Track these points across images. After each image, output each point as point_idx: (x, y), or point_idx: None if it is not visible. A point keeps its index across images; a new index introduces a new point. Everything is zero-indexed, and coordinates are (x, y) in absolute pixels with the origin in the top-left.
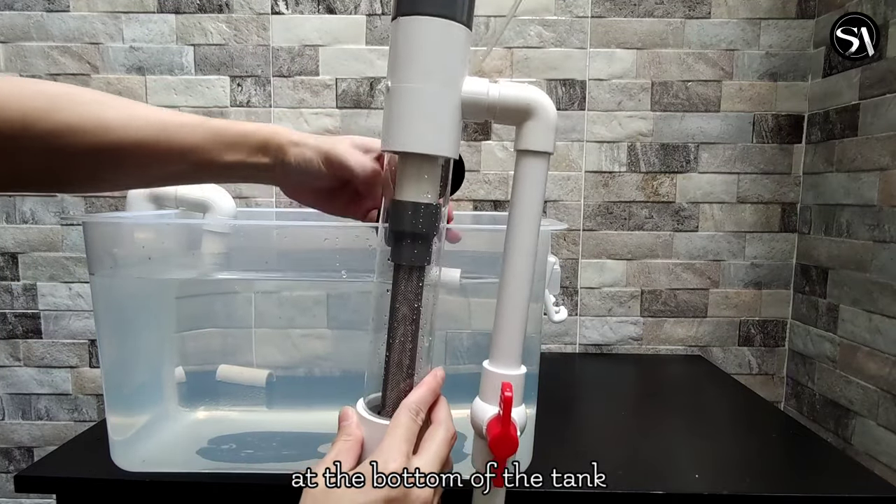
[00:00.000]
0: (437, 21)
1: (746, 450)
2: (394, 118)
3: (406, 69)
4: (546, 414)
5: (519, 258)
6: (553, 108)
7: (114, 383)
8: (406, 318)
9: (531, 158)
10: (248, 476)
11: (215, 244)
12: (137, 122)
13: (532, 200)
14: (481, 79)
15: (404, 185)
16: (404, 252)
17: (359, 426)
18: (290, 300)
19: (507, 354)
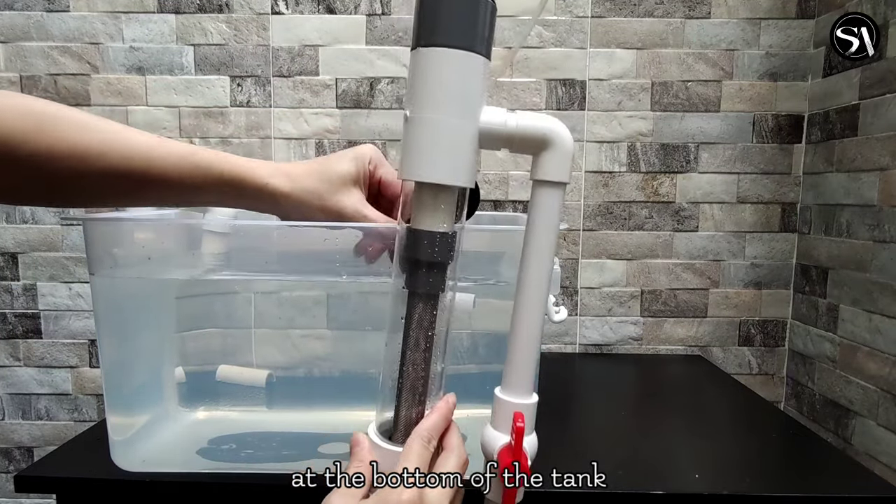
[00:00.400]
0: (456, 53)
1: (746, 450)
2: (412, 148)
3: (425, 100)
4: (546, 414)
5: (533, 288)
6: (570, 137)
7: (114, 383)
8: (419, 346)
9: (547, 189)
10: (248, 476)
11: (215, 244)
12: (118, 151)
13: (547, 230)
14: (499, 109)
15: (421, 214)
16: (420, 280)
17: (370, 452)
18: (289, 300)
19: (520, 383)
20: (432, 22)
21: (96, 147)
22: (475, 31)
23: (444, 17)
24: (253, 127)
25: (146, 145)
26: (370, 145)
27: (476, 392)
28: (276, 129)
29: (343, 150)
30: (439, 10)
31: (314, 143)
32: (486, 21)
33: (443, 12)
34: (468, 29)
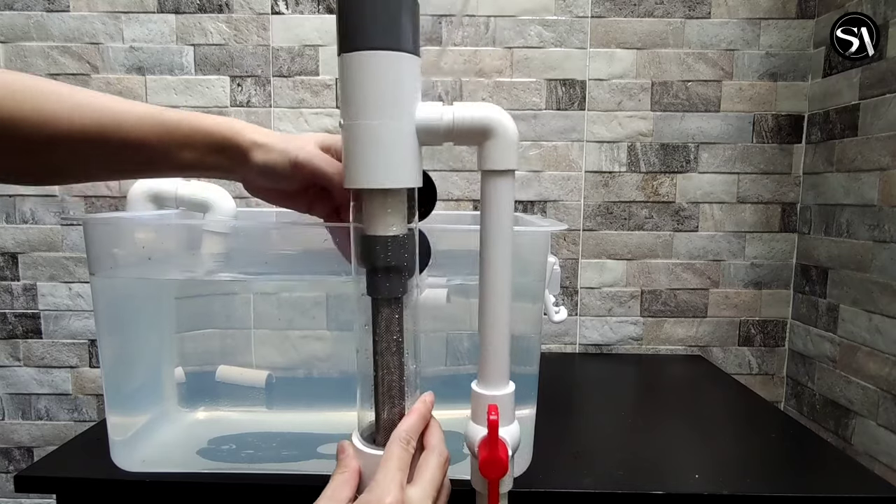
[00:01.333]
0: (382, 54)
1: (746, 450)
2: (351, 156)
3: (356, 105)
4: (546, 414)
5: (495, 279)
6: (512, 124)
7: (114, 383)
8: (389, 349)
9: (496, 178)
10: (248, 476)
11: (215, 244)
12: (85, 113)
13: (502, 218)
14: (434, 104)
15: (370, 221)
16: (379, 286)
17: (355, 457)
18: (289, 301)
19: (494, 374)
20: (354, 25)
21: (65, 112)
22: (398, 29)
23: (366, 20)
24: None
25: (112, 107)
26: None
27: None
28: (276, 129)
29: None
30: (360, 13)
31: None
32: (409, 18)
33: (363, 14)
34: (390, 29)
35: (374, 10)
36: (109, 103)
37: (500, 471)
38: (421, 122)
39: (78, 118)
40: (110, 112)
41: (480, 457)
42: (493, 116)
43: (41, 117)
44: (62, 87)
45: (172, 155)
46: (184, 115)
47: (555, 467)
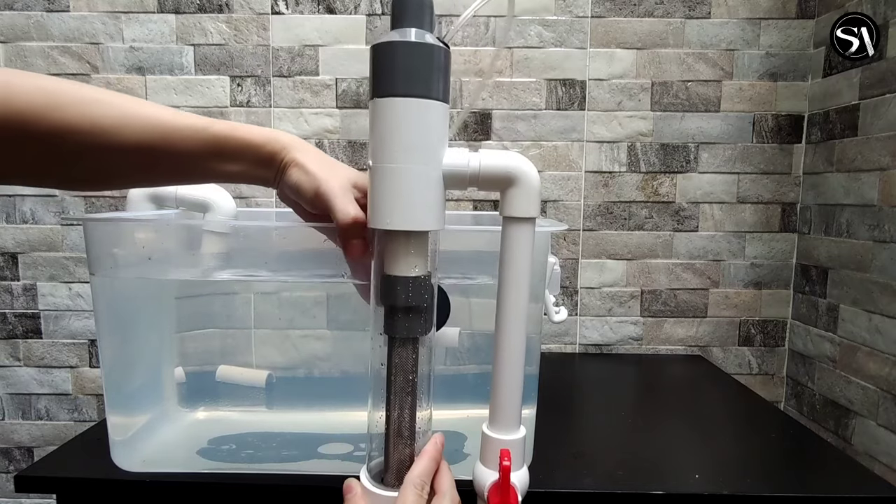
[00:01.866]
0: (413, 101)
1: (746, 450)
2: (377, 197)
3: (386, 150)
4: (546, 414)
5: (511, 324)
6: (535, 173)
7: (114, 383)
8: (403, 390)
9: (517, 224)
10: (248, 476)
11: (215, 244)
12: (134, 125)
13: (520, 265)
14: (461, 150)
15: (393, 261)
16: (398, 325)
17: (363, 497)
18: (289, 301)
19: (506, 418)
20: (388, 72)
21: (110, 121)
22: (431, 78)
23: (400, 68)
24: None
25: (164, 119)
26: None
27: (476, 392)
28: (275, 129)
29: None
30: (394, 61)
31: (314, 143)
32: (441, 67)
33: (397, 63)
34: (424, 77)
35: (406, 59)
36: (157, 113)
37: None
38: (447, 167)
39: (127, 129)
40: (159, 123)
41: (491, 502)
42: (517, 166)
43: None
44: (108, 95)
45: (219, 167)
46: (233, 128)
47: (555, 467)
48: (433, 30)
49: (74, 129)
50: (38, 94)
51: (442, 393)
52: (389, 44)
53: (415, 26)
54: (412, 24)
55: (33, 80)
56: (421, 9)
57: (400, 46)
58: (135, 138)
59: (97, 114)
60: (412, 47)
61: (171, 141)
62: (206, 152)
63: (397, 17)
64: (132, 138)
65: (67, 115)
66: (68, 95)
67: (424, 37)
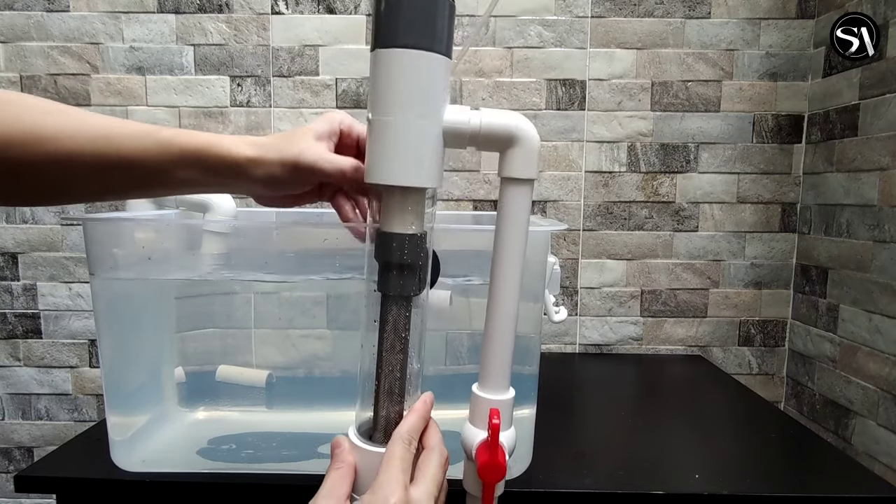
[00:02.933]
0: (416, 53)
1: (746, 450)
2: (375, 151)
3: (386, 102)
4: (546, 414)
5: (505, 285)
6: (535, 134)
7: (114, 383)
8: (394, 348)
9: (515, 186)
10: (248, 476)
11: (215, 244)
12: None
13: (517, 226)
14: (462, 107)
15: (389, 217)
16: (391, 283)
17: (351, 452)
18: (289, 301)
19: (496, 379)
20: (391, 23)
21: (51, 130)
22: (434, 30)
23: (403, 18)
24: (253, 127)
25: (105, 126)
26: (340, 111)
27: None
28: (276, 129)
29: None
30: (398, 11)
31: None
32: (444, 20)
33: (401, 13)
34: (427, 29)
35: (411, 9)
36: (102, 122)
37: (499, 475)
38: (448, 124)
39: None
40: (104, 129)
41: (480, 460)
42: (518, 125)
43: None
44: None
45: (169, 173)
46: (178, 133)
47: (555, 467)
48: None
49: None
50: None
51: (442, 393)
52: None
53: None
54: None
55: None
56: None
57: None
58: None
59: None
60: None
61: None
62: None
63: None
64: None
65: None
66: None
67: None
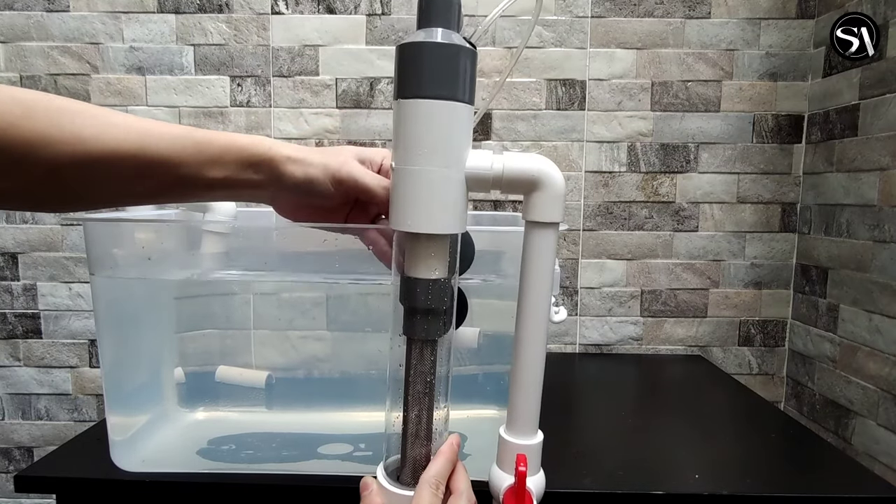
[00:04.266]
0: (439, 103)
1: (746, 450)
2: (400, 199)
3: (410, 151)
4: (546, 414)
5: (532, 329)
6: (560, 177)
7: (114, 383)
8: (420, 392)
9: (540, 229)
10: (248, 476)
11: (215, 244)
12: (113, 133)
13: (542, 270)
14: (485, 152)
15: (414, 263)
16: (416, 327)
17: (379, 494)
18: (289, 301)
19: (524, 423)
20: (413, 73)
21: (89, 131)
22: (457, 80)
23: (426, 69)
24: (253, 127)
25: (141, 126)
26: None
27: (477, 392)
28: (276, 129)
29: None
30: (420, 62)
31: (314, 143)
32: (467, 69)
33: (424, 64)
34: (450, 79)
35: (433, 61)
36: (137, 122)
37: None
38: (470, 170)
39: (108, 137)
40: (140, 131)
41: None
42: (542, 168)
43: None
44: (84, 106)
45: (203, 172)
46: (216, 133)
47: (555, 467)
48: (460, 29)
49: (51, 139)
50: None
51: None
52: (416, 44)
53: (442, 26)
54: (439, 23)
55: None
56: (449, 8)
57: (426, 47)
58: (113, 146)
59: (73, 123)
60: (439, 48)
61: (152, 149)
62: (188, 156)
63: (424, 17)
64: (111, 146)
65: (42, 124)
66: (42, 104)
67: (451, 37)
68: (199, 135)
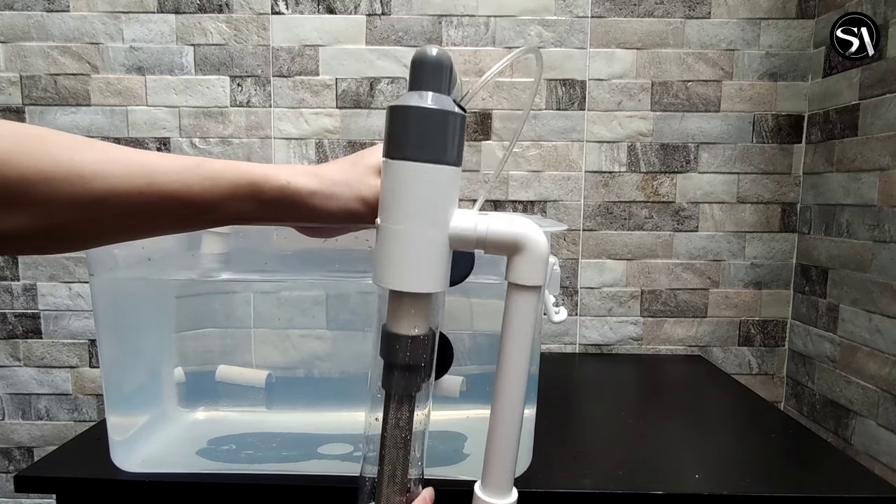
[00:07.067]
0: (426, 166)
1: (746, 450)
2: (383, 257)
3: (395, 211)
4: (546, 414)
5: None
6: (543, 240)
7: (113, 383)
8: (396, 445)
9: (521, 292)
10: (248, 476)
11: (215, 244)
12: (116, 169)
13: (523, 333)
14: (469, 212)
15: (395, 319)
16: (395, 382)
17: None
18: (289, 301)
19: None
20: (402, 136)
21: (90, 166)
22: (444, 145)
23: (414, 133)
24: (253, 127)
25: (146, 161)
26: None
27: (476, 392)
28: (276, 129)
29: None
30: (409, 126)
31: (314, 143)
32: (455, 133)
33: (412, 128)
34: (437, 143)
35: (422, 126)
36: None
37: None
38: (454, 230)
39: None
40: (144, 165)
41: None
42: (524, 232)
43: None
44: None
45: (219, 209)
46: (226, 165)
47: (555, 467)
48: (451, 90)
49: (50, 175)
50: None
51: None
52: (405, 108)
53: (432, 89)
54: (430, 86)
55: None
56: (439, 71)
57: (415, 112)
58: (118, 183)
59: (74, 158)
60: (427, 114)
61: (158, 185)
62: (198, 194)
63: (415, 79)
64: (115, 184)
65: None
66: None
67: (441, 101)
68: (207, 168)
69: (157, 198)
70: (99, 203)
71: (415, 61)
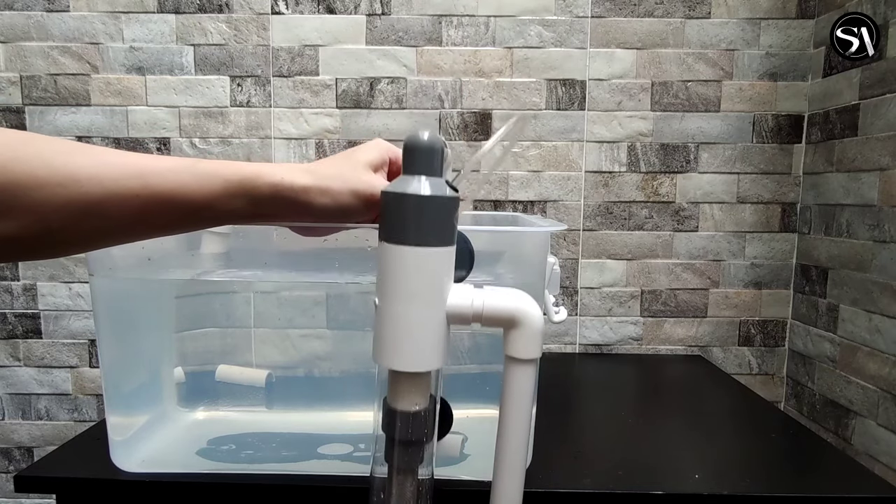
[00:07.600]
0: (420, 250)
1: (746, 450)
2: (382, 337)
3: (391, 292)
4: (546, 414)
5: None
6: (538, 315)
7: (113, 383)
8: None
9: (517, 365)
10: (248, 477)
11: (215, 244)
12: (111, 172)
13: (522, 405)
14: (466, 287)
15: (395, 395)
16: (396, 456)
17: None
18: (289, 300)
19: None
20: (396, 222)
21: (84, 170)
22: (437, 228)
23: (408, 219)
24: (253, 127)
25: (140, 163)
26: (382, 140)
27: (476, 392)
28: (276, 129)
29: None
30: (403, 212)
31: (314, 143)
32: (448, 216)
33: (406, 214)
34: (433, 227)
35: (416, 212)
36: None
37: None
38: (451, 307)
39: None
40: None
41: None
42: (519, 307)
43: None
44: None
45: (213, 208)
46: (220, 164)
47: (554, 467)
48: (445, 171)
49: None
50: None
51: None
52: (398, 195)
53: (425, 174)
54: (422, 170)
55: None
56: (431, 156)
57: (408, 199)
58: (113, 186)
59: (67, 163)
60: (422, 201)
61: (152, 185)
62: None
63: (409, 164)
64: (110, 186)
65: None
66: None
67: (435, 186)
68: (202, 167)
69: (152, 199)
70: (94, 207)
71: (407, 146)
